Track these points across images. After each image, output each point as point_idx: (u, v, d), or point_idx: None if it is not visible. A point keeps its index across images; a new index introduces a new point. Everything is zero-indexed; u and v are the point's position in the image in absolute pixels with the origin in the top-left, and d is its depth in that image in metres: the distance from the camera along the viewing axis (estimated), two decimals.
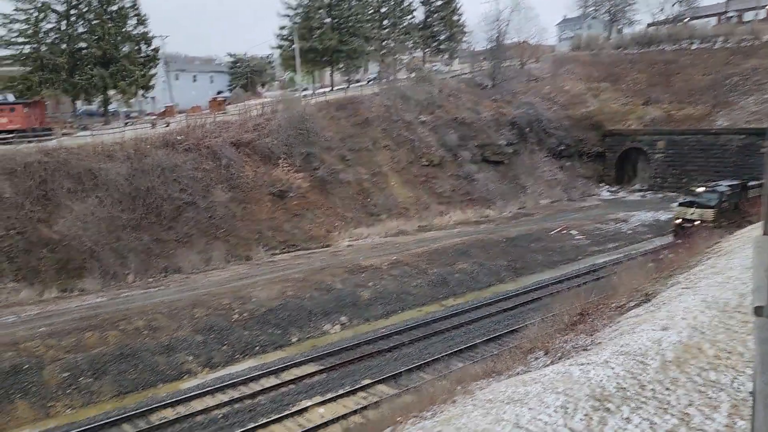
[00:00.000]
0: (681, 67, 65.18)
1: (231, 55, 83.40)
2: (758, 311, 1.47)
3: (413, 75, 59.92)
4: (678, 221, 36.81)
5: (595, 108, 63.56)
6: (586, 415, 8.24)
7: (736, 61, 61.12)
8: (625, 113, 62.05)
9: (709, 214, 35.33)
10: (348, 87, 62.80)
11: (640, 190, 57.95)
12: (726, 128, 53.86)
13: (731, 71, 59.95)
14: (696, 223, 35.08)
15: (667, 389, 9.14)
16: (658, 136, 57.34)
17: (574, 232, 41.27)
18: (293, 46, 60.36)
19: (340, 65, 67.57)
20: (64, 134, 38.89)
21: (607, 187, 59.86)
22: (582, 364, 10.09)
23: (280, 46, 66.13)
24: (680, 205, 37.25)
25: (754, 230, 21.36)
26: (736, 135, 52.05)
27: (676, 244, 32.40)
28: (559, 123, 60.73)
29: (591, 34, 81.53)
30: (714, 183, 39.71)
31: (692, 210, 36.11)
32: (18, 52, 46.07)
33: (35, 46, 45.93)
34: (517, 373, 12.48)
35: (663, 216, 44.21)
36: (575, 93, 66.08)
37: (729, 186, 37.89)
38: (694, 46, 67.32)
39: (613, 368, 9.66)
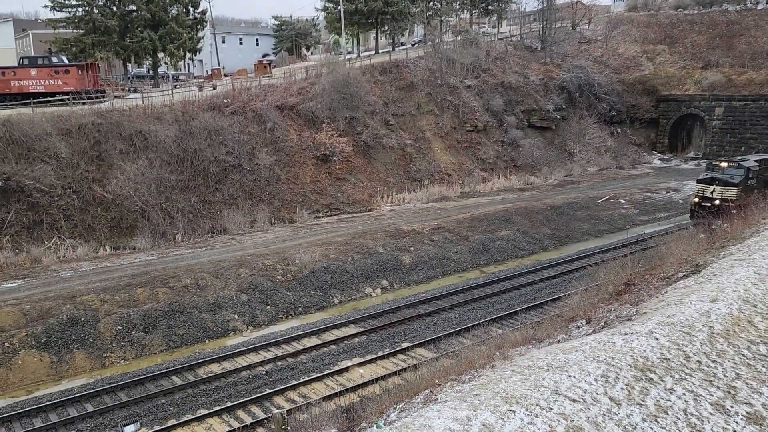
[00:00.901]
0: (744, 29, 61.66)
1: (276, 18, 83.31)
2: None
3: (459, 38, 58.57)
4: (696, 200, 32.65)
5: (650, 72, 61.03)
6: (627, 384, 8.15)
7: None
8: (681, 78, 59.42)
9: (732, 192, 31.08)
10: (393, 50, 61.98)
11: (694, 159, 55.85)
12: None
13: None
14: (716, 202, 31.17)
15: (714, 361, 8.94)
16: (717, 101, 54.77)
17: (622, 200, 40.25)
18: (338, 8, 59.74)
19: (385, 28, 66.62)
20: (116, 96, 39.82)
21: (659, 155, 57.89)
22: (625, 334, 9.94)
23: (325, 8, 65.53)
24: (699, 181, 32.74)
25: None
26: None
27: (699, 225, 29.51)
28: (610, 87, 58.65)
29: None
30: (740, 157, 35.11)
31: (712, 188, 31.69)
32: (71, 14, 47.10)
33: (87, 8, 46.81)
34: (558, 341, 12.41)
35: None
36: (629, 56, 63.50)
37: (758, 161, 33.04)
38: (759, 6, 63.42)
39: (657, 339, 9.49)
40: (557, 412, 7.44)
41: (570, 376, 8.42)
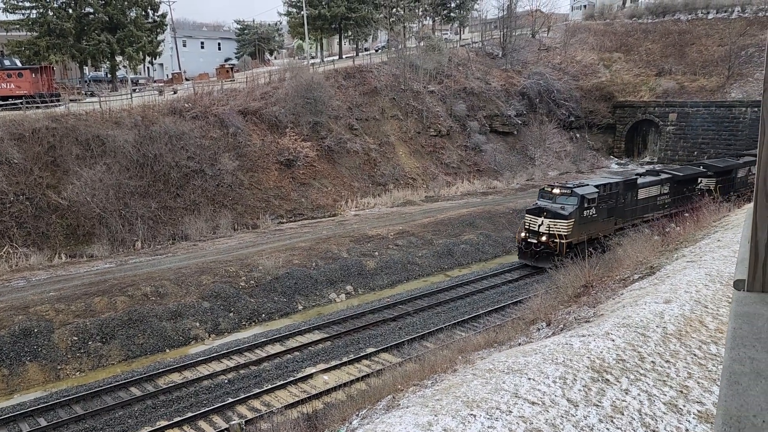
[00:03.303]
0: (696, 38, 63.86)
1: (239, 23, 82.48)
2: (737, 285, 1.45)
3: (422, 44, 59.05)
4: (523, 235, 27.84)
5: (607, 79, 62.62)
6: (584, 386, 8.31)
7: (752, 31, 59.74)
8: (637, 84, 61.15)
9: (562, 226, 26.23)
10: (356, 55, 62.06)
11: (650, 163, 57.42)
12: (740, 101, 52.98)
13: (747, 42, 58.64)
14: (543, 239, 26.57)
15: (667, 362, 9.19)
16: (670, 108, 56.55)
17: None
18: (301, 13, 59.54)
19: (349, 33, 66.70)
20: (71, 100, 38.77)
21: (616, 159, 59.36)
22: (583, 336, 10.15)
23: (288, 13, 65.27)
24: (528, 212, 27.95)
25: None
26: (749, 107, 51.21)
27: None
28: (569, 94, 59.95)
29: (605, 3, 79.75)
30: (578, 181, 30.10)
31: (540, 220, 26.80)
32: (25, 16, 45.70)
33: (42, 10, 45.52)
34: (519, 344, 12.58)
35: None
36: (587, 63, 65.04)
37: (603, 185, 28.21)
38: (710, 16, 65.78)
39: (613, 340, 9.71)
40: (517, 415, 7.54)
41: (530, 379, 8.55)
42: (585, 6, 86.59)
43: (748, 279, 1.46)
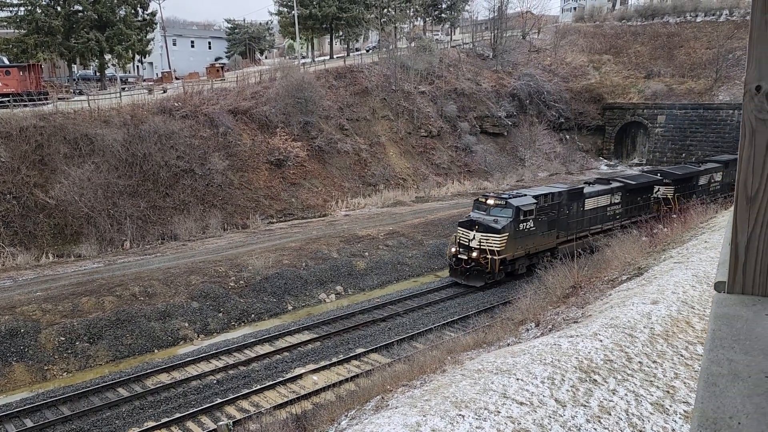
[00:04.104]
0: (684, 40, 64.39)
1: (229, 21, 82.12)
2: (718, 287, 1.47)
3: (413, 44, 59.13)
4: (453, 250, 25.68)
5: (596, 81, 63.00)
6: (572, 386, 8.35)
7: (740, 35, 60.33)
8: (626, 86, 61.56)
9: (495, 241, 24.02)
10: (347, 55, 62.02)
11: (638, 165, 57.84)
12: (727, 103, 53.49)
13: (735, 45, 59.21)
14: (474, 254, 24.40)
15: (654, 362, 9.25)
16: (659, 110, 57.00)
17: None
18: (292, 13, 59.41)
19: (340, 33, 66.64)
20: (60, 99, 38.43)
21: (605, 161, 59.74)
22: (571, 336, 10.19)
23: (279, 13, 65.08)
24: (460, 225, 25.70)
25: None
26: (736, 110, 51.70)
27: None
28: (559, 95, 60.25)
29: (594, 5, 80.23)
30: (516, 191, 27.79)
31: (472, 234, 24.64)
32: (13, 14, 45.28)
33: (30, 8, 45.10)
34: (508, 344, 12.62)
35: None
36: (576, 65, 65.39)
37: (543, 196, 26.17)
38: (698, 19, 66.36)
39: (601, 341, 9.76)
40: (505, 415, 7.56)
41: (518, 379, 8.58)
42: (575, 8, 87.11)
43: (729, 281, 1.47)
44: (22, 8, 45.18)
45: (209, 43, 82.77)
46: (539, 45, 69.31)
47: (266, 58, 79.66)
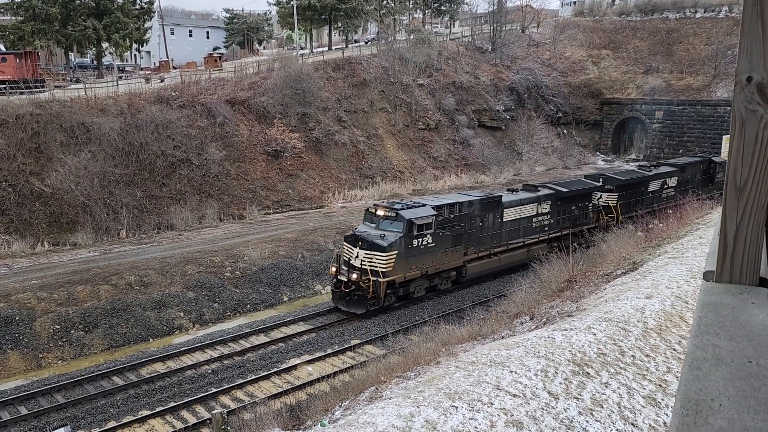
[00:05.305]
0: (683, 36, 64.35)
1: (228, 11, 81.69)
2: (707, 276, 1.49)
3: (412, 37, 58.93)
4: (333, 269, 22.27)
5: (595, 76, 62.95)
6: (565, 379, 8.39)
7: (739, 31, 60.30)
8: (624, 82, 61.54)
9: (380, 260, 20.72)
10: (346, 47, 61.80)
11: (635, 160, 57.92)
12: (725, 100, 53.54)
13: (734, 42, 59.08)
14: (353, 277, 20.96)
15: (647, 356, 9.31)
16: (657, 105, 57.04)
17: None
18: (291, 3, 59.13)
19: (339, 24, 66.37)
20: (56, 86, 38.23)
21: (603, 156, 59.81)
22: (565, 330, 10.25)
23: (278, 3, 64.75)
24: (346, 240, 22.32)
25: None
26: None
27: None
28: (557, 90, 60.22)
29: (594, 0, 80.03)
30: (413, 200, 24.01)
31: (356, 251, 21.27)
32: (10, 0, 44.96)
33: None
34: (502, 337, 12.68)
35: None
36: (575, 60, 65.31)
37: (447, 206, 22.88)
38: (698, 15, 66.31)
39: (595, 334, 9.81)
40: (498, 407, 7.61)
41: (511, 372, 8.63)
42: (575, 2, 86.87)
43: (717, 270, 1.49)
44: None
45: (207, 32, 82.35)
46: (538, 39, 69.19)
47: (264, 48, 79.32)
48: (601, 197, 30.41)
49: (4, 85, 35.35)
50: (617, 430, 7.15)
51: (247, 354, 19.63)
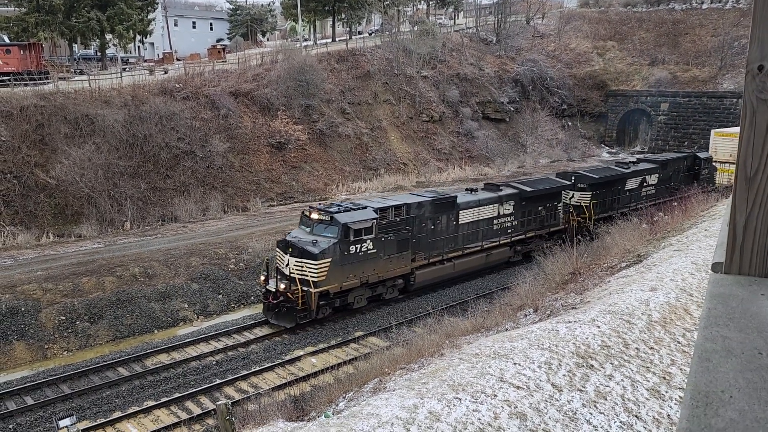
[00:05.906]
0: (689, 27, 63.88)
1: (231, 3, 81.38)
2: (715, 267, 1.47)
3: (416, 28, 58.68)
4: (263, 278, 20.76)
5: (600, 67, 62.62)
6: (569, 371, 8.39)
7: (746, 22, 59.71)
8: (629, 73, 61.20)
9: (310, 269, 19.19)
10: (350, 38, 61.60)
11: (640, 152, 57.70)
12: (731, 92, 53.23)
13: (740, 33, 58.70)
14: (282, 287, 19.62)
15: (651, 348, 9.29)
16: (662, 97, 56.73)
17: None
18: None
19: (342, 16, 66.11)
20: (60, 78, 38.23)
21: (607, 148, 59.59)
22: (569, 322, 10.24)
23: None
24: (278, 245, 20.85)
25: None
26: (740, 99, 51.39)
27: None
28: (562, 81, 59.95)
29: None
30: (352, 203, 21.86)
31: (287, 259, 19.81)
32: None
33: None
34: (506, 329, 12.68)
35: None
36: (580, 51, 64.96)
37: (390, 208, 21.21)
38: (704, 6, 65.80)
39: (599, 327, 9.80)
40: (502, 399, 7.62)
41: (515, 364, 8.63)
42: None
43: (726, 261, 1.48)
44: None
45: (211, 24, 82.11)
46: (543, 30, 68.83)
47: (268, 40, 79.08)
48: (572, 196, 28.92)
49: (8, 77, 35.38)
50: (621, 422, 7.16)
51: (251, 345, 19.70)
